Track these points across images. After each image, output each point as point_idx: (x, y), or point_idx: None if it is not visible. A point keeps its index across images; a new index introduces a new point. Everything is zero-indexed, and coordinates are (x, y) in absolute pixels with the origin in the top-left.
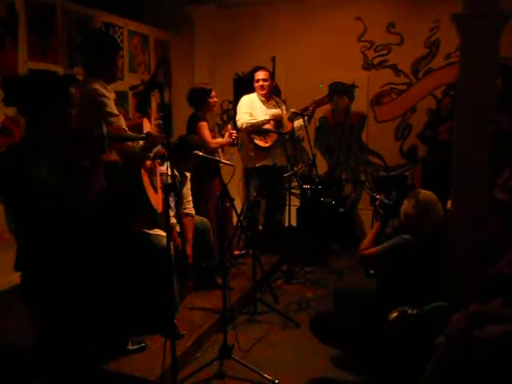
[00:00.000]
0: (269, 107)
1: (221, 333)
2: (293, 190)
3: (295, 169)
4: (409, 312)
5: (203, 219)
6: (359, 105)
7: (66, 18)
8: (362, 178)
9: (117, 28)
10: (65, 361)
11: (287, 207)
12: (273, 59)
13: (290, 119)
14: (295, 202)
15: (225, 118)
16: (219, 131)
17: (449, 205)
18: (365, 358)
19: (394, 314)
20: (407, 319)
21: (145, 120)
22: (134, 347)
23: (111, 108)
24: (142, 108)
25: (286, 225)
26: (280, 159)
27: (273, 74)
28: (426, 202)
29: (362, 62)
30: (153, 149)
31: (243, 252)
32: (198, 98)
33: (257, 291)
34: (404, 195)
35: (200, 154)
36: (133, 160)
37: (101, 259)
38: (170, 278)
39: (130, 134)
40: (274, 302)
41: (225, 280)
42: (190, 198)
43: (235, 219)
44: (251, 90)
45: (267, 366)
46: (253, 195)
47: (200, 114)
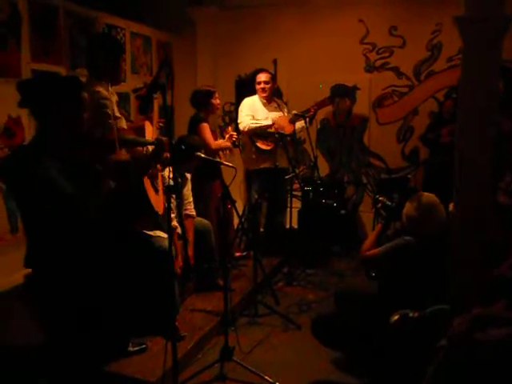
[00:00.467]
0: (270, 109)
1: (222, 335)
2: (294, 192)
3: (297, 171)
4: (410, 315)
5: (204, 221)
6: (361, 107)
7: (68, 20)
8: (364, 180)
9: (119, 30)
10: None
11: (289, 209)
12: (274, 61)
13: (292, 121)
14: (297, 204)
15: (226, 119)
16: (221, 133)
17: (451, 207)
18: (366, 361)
19: (396, 317)
20: (409, 322)
21: (147, 122)
22: (135, 349)
23: (112, 111)
24: (144, 110)
25: (288, 227)
26: (281, 161)
27: (274, 76)
28: (428, 204)
29: (363, 64)
30: (162, 155)
31: (244, 254)
32: (201, 99)
33: (258, 293)
34: (406, 197)
35: (202, 155)
36: (141, 166)
37: (103, 260)
38: (170, 279)
39: (140, 140)
40: (275, 304)
41: (226, 282)
42: (191, 200)
43: (236, 221)
44: (253, 92)
45: (268, 368)
46: (254, 197)
47: (202, 115)
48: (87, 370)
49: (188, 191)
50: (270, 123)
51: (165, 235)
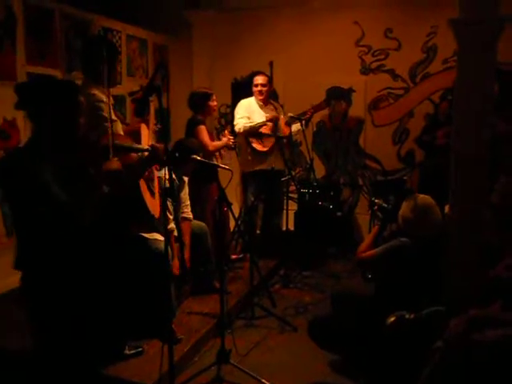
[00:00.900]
0: (267, 112)
1: (218, 337)
2: (290, 195)
3: (293, 173)
4: (406, 316)
5: (201, 223)
6: (357, 109)
7: (64, 22)
8: (360, 182)
9: (115, 32)
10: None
11: (285, 211)
12: (270, 64)
13: (288, 124)
14: (293, 207)
15: (223, 122)
16: (217, 135)
17: (446, 209)
18: (362, 363)
19: (392, 319)
20: (405, 324)
21: (143, 125)
22: (131, 352)
23: (107, 113)
24: (140, 113)
25: (284, 229)
26: (278, 163)
27: (271, 78)
28: (423, 205)
29: (359, 66)
30: (156, 162)
31: (241, 256)
32: (198, 101)
33: (254, 296)
34: (402, 199)
35: (198, 158)
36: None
37: (99, 263)
38: (167, 282)
39: (135, 146)
40: (272, 306)
41: (222, 284)
42: (188, 203)
43: (232, 223)
44: (249, 95)
45: (265, 370)
46: (250, 199)
47: (199, 117)
48: (83, 374)
49: (185, 194)
50: (263, 120)
51: (161, 238)
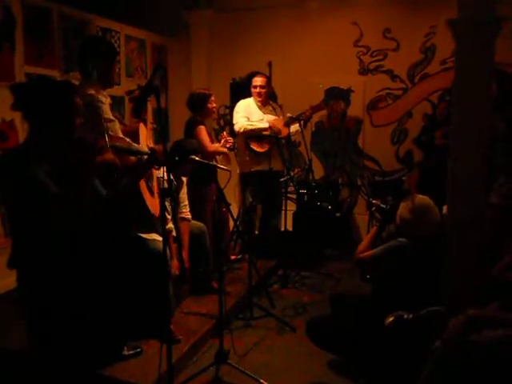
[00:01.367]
0: (265, 112)
1: (217, 338)
2: (289, 195)
3: (291, 173)
4: (405, 316)
5: (199, 224)
6: (355, 110)
7: (62, 23)
8: (359, 182)
9: (113, 33)
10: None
11: (283, 212)
12: (269, 64)
13: (287, 124)
14: (291, 207)
15: (221, 123)
16: (216, 136)
17: (445, 209)
18: (361, 363)
19: (390, 319)
20: (403, 324)
21: (141, 125)
22: (130, 352)
23: (107, 113)
24: (137, 113)
25: (283, 229)
26: (276, 164)
27: (269, 78)
28: (422, 206)
29: (358, 67)
30: (155, 164)
31: (239, 257)
32: (197, 102)
33: (253, 296)
34: (400, 200)
35: (196, 158)
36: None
37: (97, 263)
38: (166, 282)
39: (134, 149)
40: (271, 306)
41: (221, 285)
42: (187, 203)
43: (231, 224)
44: (248, 95)
45: (263, 371)
46: (249, 200)
47: (198, 118)
48: (82, 374)
49: (184, 194)
50: (266, 126)
51: (160, 238)
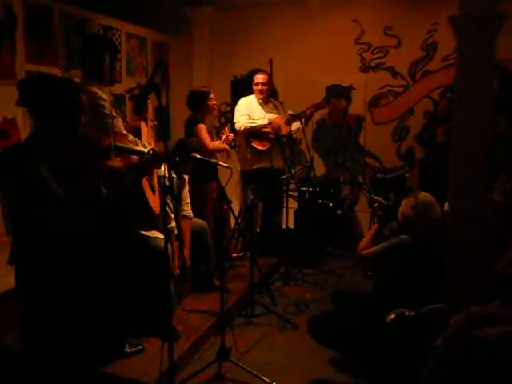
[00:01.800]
0: (267, 110)
1: (219, 335)
2: (290, 193)
3: (293, 171)
4: (406, 314)
5: (201, 221)
6: (356, 107)
7: (63, 21)
8: (360, 179)
9: (114, 30)
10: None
11: (285, 209)
12: (270, 61)
13: (288, 122)
14: (293, 205)
15: (222, 120)
16: (217, 134)
17: (446, 206)
18: (363, 360)
19: (392, 316)
20: (405, 321)
21: (142, 123)
22: (132, 350)
23: (109, 111)
24: (138, 111)
25: (284, 227)
26: (277, 162)
27: (270, 75)
28: (423, 203)
29: (359, 64)
30: (156, 165)
31: (241, 254)
32: (197, 100)
33: (255, 293)
34: (402, 197)
35: (197, 156)
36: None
37: (98, 261)
38: (167, 280)
39: (136, 149)
40: (272, 304)
41: (222, 282)
42: (188, 201)
43: (232, 221)
44: (249, 93)
45: (265, 368)
46: (250, 198)
47: (198, 116)
48: (83, 372)
49: (186, 192)
50: (266, 122)
51: (162, 236)
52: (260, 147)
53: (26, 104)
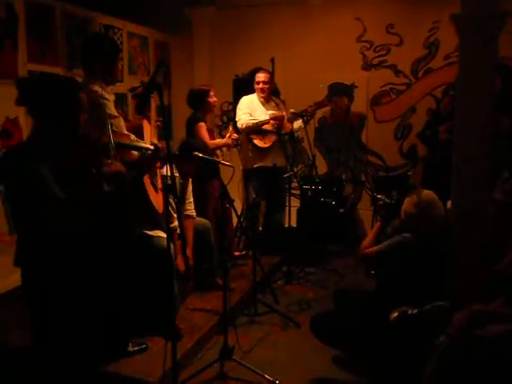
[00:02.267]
0: (269, 108)
1: (221, 334)
2: (293, 191)
3: (295, 169)
4: (409, 312)
5: (203, 220)
6: (359, 105)
7: (65, 20)
8: (362, 178)
9: (116, 30)
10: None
11: (287, 208)
12: (272, 60)
13: (290, 120)
14: (295, 203)
15: (225, 119)
16: (219, 133)
17: (449, 205)
18: (366, 359)
19: (395, 314)
20: (408, 319)
21: (145, 122)
22: (135, 349)
23: (111, 110)
24: (141, 110)
25: (286, 225)
26: (280, 160)
27: (272, 74)
28: (426, 201)
29: (361, 62)
30: (158, 160)
31: (243, 253)
32: (197, 99)
33: (257, 292)
34: (405, 195)
35: (200, 155)
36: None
37: (101, 261)
38: (170, 279)
39: (137, 145)
40: (275, 302)
41: (225, 281)
42: (191, 200)
43: (235, 220)
44: (251, 91)
45: (268, 366)
46: (252, 196)
47: (199, 115)
48: (87, 371)
49: (189, 192)
50: (267, 118)
51: (164, 235)
52: (261, 145)
53: (26, 103)
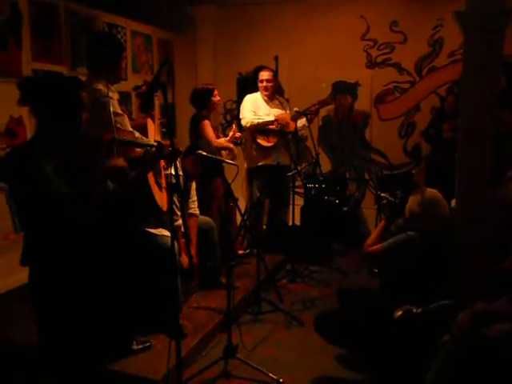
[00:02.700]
0: (272, 106)
1: (225, 332)
2: (296, 189)
3: (299, 168)
4: (414, 310)
5: (207, 219)
6: (363, 103)
7: (69, 19)
8: (366, 176)
9: (120, 28)
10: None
11: (291, 206)
12: (276, 58)
13: (294, 119)
14: (299, 202)
15: (228, 117)
16: (223, 131)
17: (453, 203)
18: (369, 357)
19: (399, 313)
20: (412, 318)
21: (149, 120)
22: (139, 347)
23: (115, 108)
24: (145, 108)
25: (290, 224)
26: (283, 158)
27: (276, 72)
28: (431, 199)
29: (365, 60)
30: (162, 157)
31: (247, 251)
32: (201, 98)
33: (261, 290)
34: (409, 193)
35: (204, 153)
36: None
37: (106, 259)
38: (174, 277)
39: (140, 141)
40: (279, 301)
41: (229, 279)
42: (195, 199)
43: (239, 219)
44: (255, 90)
45: (272, 365)
46: (256, 195)
47: (203, 113)
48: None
49: (193, 190)
50: (272, 119)
51: (168, 233)
52: (265, 143)
53: (28, 103)
